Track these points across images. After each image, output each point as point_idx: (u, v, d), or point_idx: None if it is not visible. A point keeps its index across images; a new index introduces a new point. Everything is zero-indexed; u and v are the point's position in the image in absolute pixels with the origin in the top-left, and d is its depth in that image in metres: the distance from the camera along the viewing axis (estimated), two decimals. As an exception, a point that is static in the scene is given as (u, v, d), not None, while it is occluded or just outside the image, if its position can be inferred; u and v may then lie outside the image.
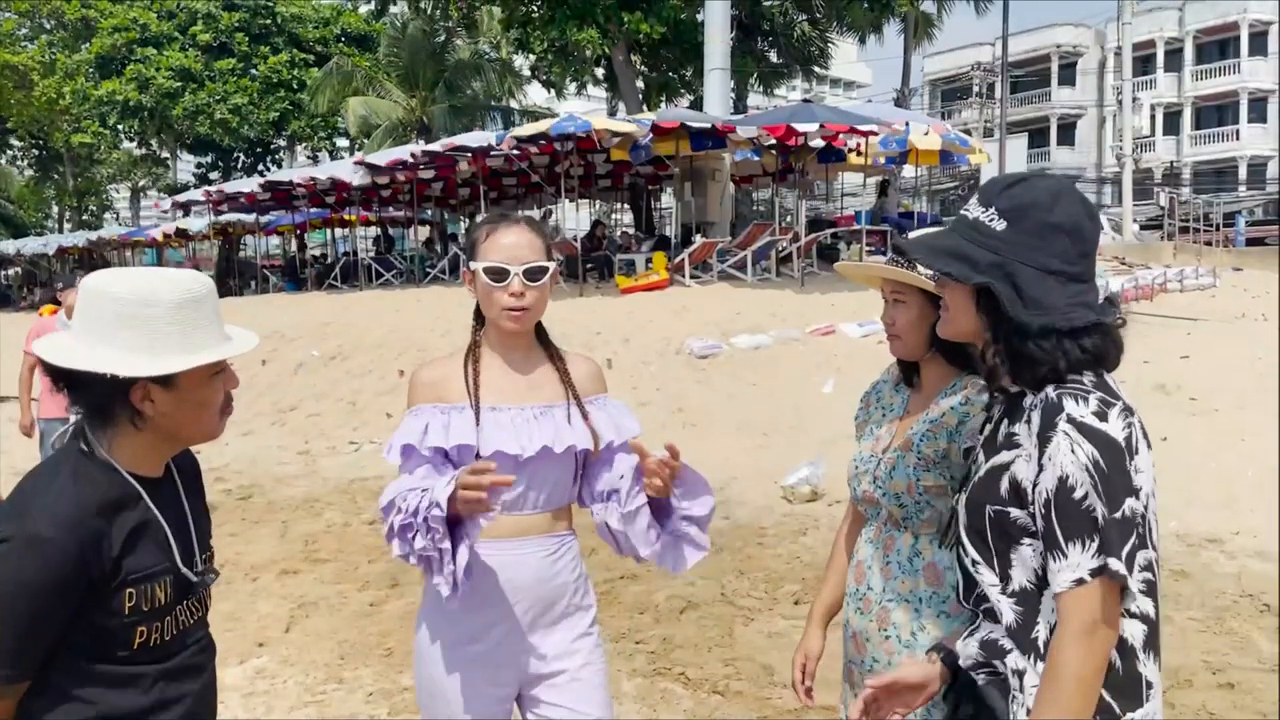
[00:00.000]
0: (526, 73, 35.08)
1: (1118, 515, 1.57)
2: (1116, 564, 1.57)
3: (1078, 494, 1.57)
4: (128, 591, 1.68)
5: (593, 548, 6.07)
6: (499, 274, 2.22)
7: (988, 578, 1.74)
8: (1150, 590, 1.65)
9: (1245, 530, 6.10)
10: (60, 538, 1.60)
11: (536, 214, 27.52)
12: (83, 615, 1.65)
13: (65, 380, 1.71)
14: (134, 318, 1.67)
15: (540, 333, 2.39)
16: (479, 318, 2.38)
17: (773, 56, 29.57)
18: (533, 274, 2.24)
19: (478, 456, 2.20)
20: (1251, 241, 29.52)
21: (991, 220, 1.71)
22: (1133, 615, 1.64)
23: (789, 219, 18.61)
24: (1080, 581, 1.57)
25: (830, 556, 2.50)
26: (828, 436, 8.22)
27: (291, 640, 5.04)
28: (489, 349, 2.34)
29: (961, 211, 1.79)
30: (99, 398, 1.70)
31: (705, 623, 5.02)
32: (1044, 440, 1.62)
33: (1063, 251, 1.67)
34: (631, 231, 22.65)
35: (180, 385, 1.71)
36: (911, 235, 1.85)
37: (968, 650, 1.78)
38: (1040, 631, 1.67)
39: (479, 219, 3.78)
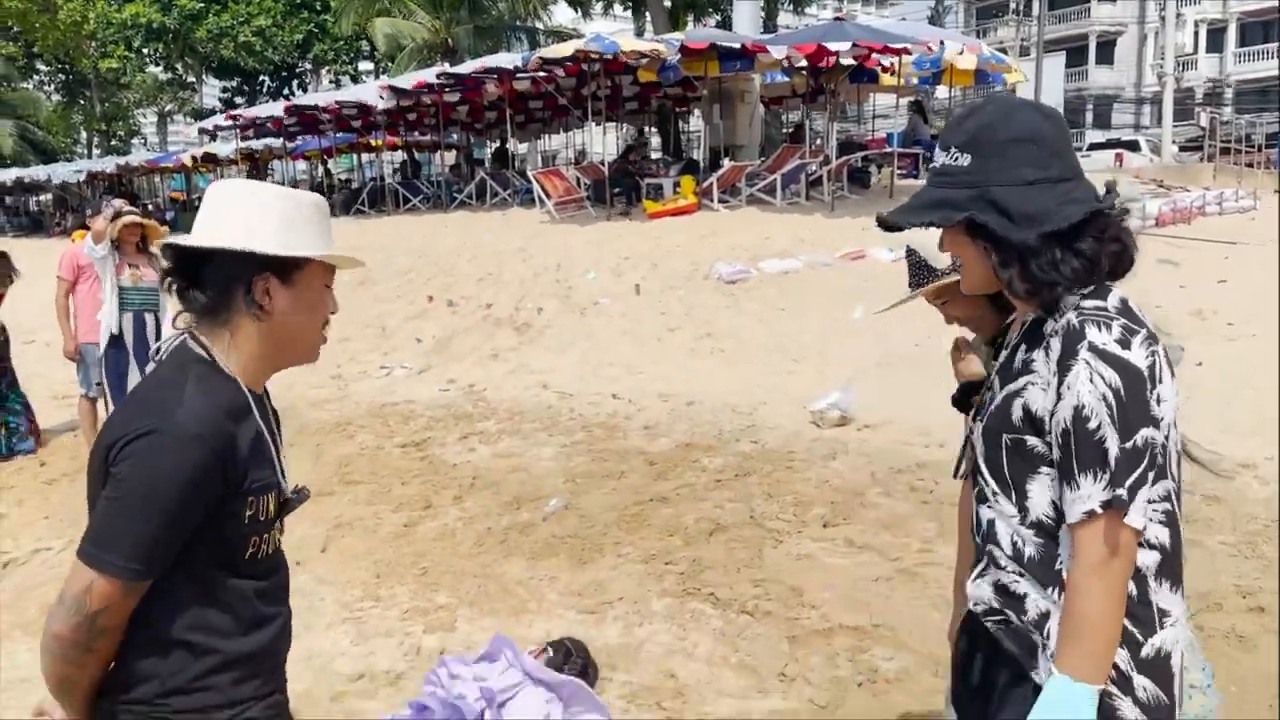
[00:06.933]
0: (552, -8, 34.48)
1: (1129, 445, 1.55)
2: (1123, 493, 1.56)
3: (1091, 424, 1.56)
4: (249, 499, 1.70)
5: (621, 471, 6.14)
6: None
7: (1006, 509, 1.72)
8: (1169, 520, 1.64)
9: (1279, 456, 6.05)
10: (207, 434, 1.62)
11: (564, 138, 27.26)
12: (211, 518, 1.66)
13: (188, 274, 1.74)
14: (272, 209, 1.73)
15: None
16: None
17: (804, -27, 28.87)
18: None
19: None
20: (1294, 163, 28.75)
21: (956, 159, 1.70)
22: (1151, 546, 1.63)
23: (818, 141, 18.31)
24: (1091, 514, 1.56)
25: (959, 532, 2.45)
26: (857, 362, 8.19)
27: (328, 560, 5.14)
28: None
29: (929, 166, 1.77)
30: (224, 285, 1.72)
31: (734, 545, 5.06)
32: (1064, 368, 1.59)
33: (1032, 159, 1.65)
34: (659, 155, 22.36)
35: (298, 283, 1.75)
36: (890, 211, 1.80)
37: (979, 593, 1.76)
38: (1062, 564, 1.65)
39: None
